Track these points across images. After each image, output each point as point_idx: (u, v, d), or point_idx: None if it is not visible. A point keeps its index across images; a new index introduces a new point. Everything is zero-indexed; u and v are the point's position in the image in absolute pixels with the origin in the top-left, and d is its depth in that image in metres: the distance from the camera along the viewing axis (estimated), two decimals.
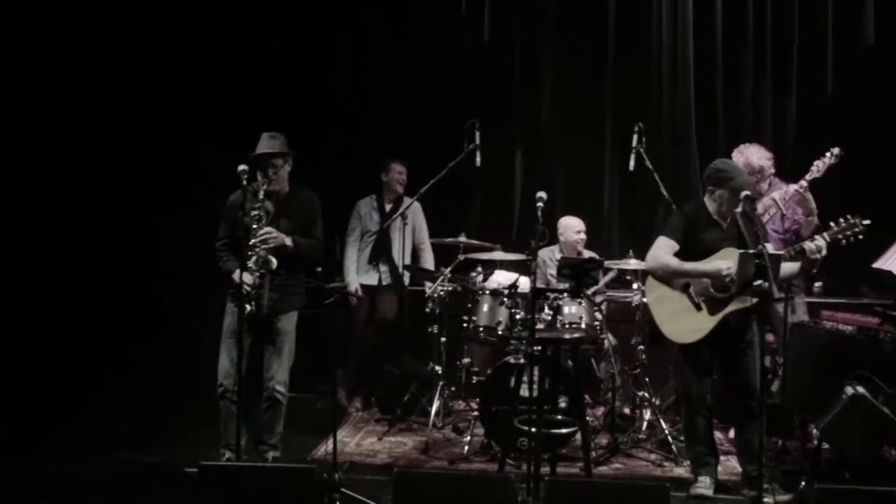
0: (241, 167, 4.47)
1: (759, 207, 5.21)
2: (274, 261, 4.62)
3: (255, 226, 4.60)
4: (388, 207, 6.37)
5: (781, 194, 5.25)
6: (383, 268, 6.32)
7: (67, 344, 6.01)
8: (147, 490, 4.51)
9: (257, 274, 4.59)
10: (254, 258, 4.59)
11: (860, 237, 4.52)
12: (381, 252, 6.32)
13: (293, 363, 4.89)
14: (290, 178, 4.86)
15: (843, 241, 4.54)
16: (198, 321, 4.90)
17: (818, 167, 5.08)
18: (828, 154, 5.08)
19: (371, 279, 6.33)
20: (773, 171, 5.37)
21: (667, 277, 4.68)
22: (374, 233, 6.35)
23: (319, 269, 4.67)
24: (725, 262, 4.50)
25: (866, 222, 4.50)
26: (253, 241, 4.58)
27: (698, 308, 4.61)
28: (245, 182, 4.49)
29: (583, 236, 6.02)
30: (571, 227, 6.03)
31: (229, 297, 4.79)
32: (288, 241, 4.69)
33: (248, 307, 4.56)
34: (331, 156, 6.54)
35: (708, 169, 4.74)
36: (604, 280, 5.78)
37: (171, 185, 6.25)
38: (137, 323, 6.22)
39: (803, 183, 5.10)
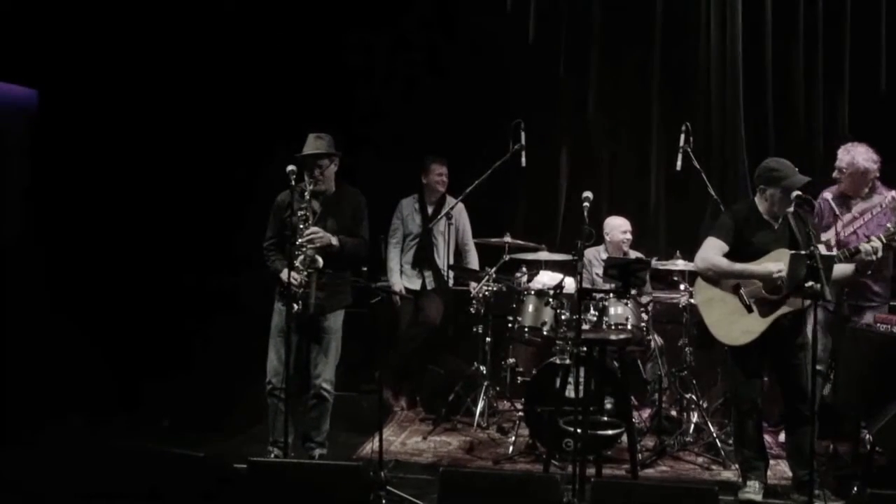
0: (290, 167, 4.54)
1: (856, 210, 5.09)
2: (320, 260, 4.67)
3: (301, 226, 4.66)
4: (430, 209, 6.38)
5: (880, 200, 5.11)
6: (427, 272, 6.32)
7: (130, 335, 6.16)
8: (192, 484, 4.57)
9: (304, 273, 4.65)
10: (301, 257, 4.65)
11: None
12: (424, 255, 6.32)
13: (339, 362, 4.93)
14: (336, 177, 4.91)
15: None
16: (266, 314, 4.96)
17: None
18: None
19: (415, 284, 6.34)
20: (878, 174, 5.19)
21: (716, 278, 4.62)
22: (417, 235, 6.35)
23: (365, 268, 4.71)
24: (776, 263, 4.42)
25: None
26: (300, 240, 4.64)
27: (749, 310, 4.54)
28: (293, 182, 4.55)
29: (629, 236, 5.97)
30: (617, 226, 5.99)
31: (277, 296, 4.85)
32: (334, 240, 4.74)
33: (295, 306, 4.62)
34: (375, 153, 6.57)
35: (760, 168, 4.66)
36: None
37: (250, 176, 6.29)
38: (209, 312, 6.30)
39: None
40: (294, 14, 6.73)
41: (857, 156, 5.16)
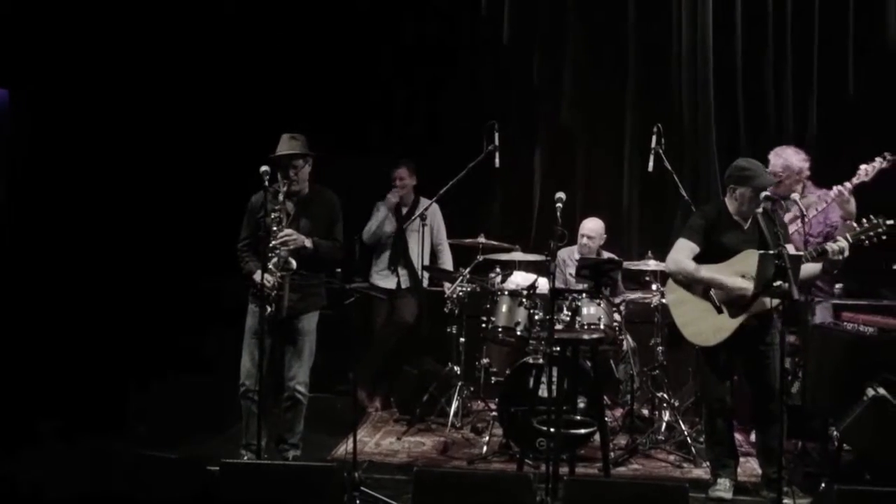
0: (263, 168, 4.52)
1: (794, 210, 5.17)
2: (294, 262, 4.66)
3: (275, 228, 4.64)
4: (403, 210, 6.39)
5: (815, 198, 5.20)
6: (402, 272, 6.33)
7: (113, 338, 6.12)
8: (165, 487, 4.54)
9: (278, 275, 4.64)
10: (274, 259, 4.64)
11: (884, 238, 4.49)
12: (398, 255, 6.34)
13: (314, 363, 4.93)
14: (310, 178, 4.90)
15: (867, 241, 4.51)
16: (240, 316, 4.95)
17: (867, 171, 4.97)
18: (878, 159, 4.98)
19: (390, 283, 6.35)
20: (808, 173, 5.30)
21: (686, 282, 4.67)
22: (391, 235, 6.36)
23: (339, 269, 4.70)
24: (746, 282, 4.46)
25: (890, 222, 4.47)
26: (273, 242, 4.62)
27: (719, 310, 4.59)
28: (267, 183, 4.53)
29: (585, 240, 5.96)
30: (581, 229, 6.00)
31: (251, 298, 4.84)
32: (308, 242, 4.73)
33: (268, 308, 4.60)
34: (351, 157, 6.56)
35: (730, 167, 4.72)
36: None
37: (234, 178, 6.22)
38: (187, 315, 6.27)
39: (848, 185, 5.00)
40: (269, 18, 6.72)
41: (790, 157, 5.26)
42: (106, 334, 6.13)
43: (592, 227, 5.99)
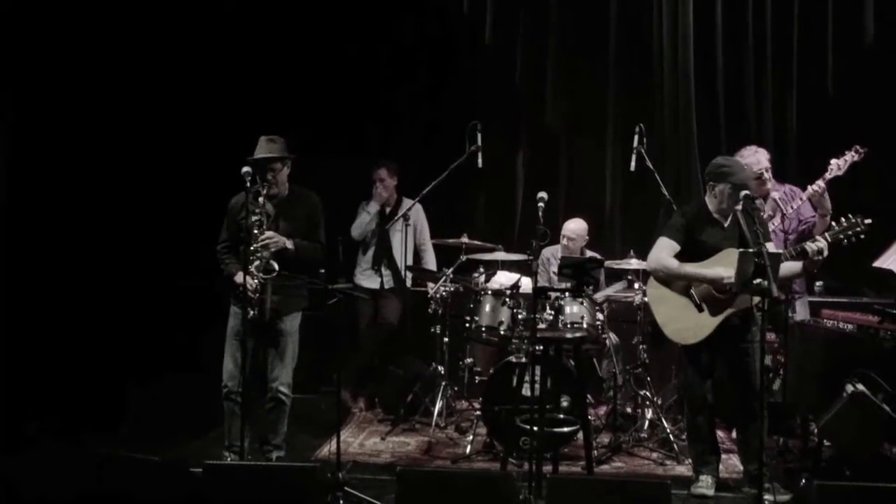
0: (245, 169, 4.50)
1: (768, 207, 5.22)
2: (276, 265, 4.66)
3: (255, 230, 4.63)
4: (386, 210, 6.39)
5: (781, 194, 5.26)
6: (385, 272, 6.34)
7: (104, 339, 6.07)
8: (148, 489, 4.52)
9: (259, 278, 4.63)
10: (256, 262, 4.63)
11: (862, 237, 4.53)
12: (382, 256, 6.34)
13: (297, 364, 4.92)
14: (289, 180, 4.89)
15: (845, 240, 4.55)
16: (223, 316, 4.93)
17: (838, 165, 5.02)
18: (849, 153, 5.05)
19: (373, 283, 6.35)
20: (767, 165, 5.33)
21: (667, 279, 4.70)
22: (374, 236, 6.36)
23: (323, 270, 4.70)
24: (726, 269, 4.50)
25: (868, 221, 4.51)
26: (254, 245, 4.61)
27: (700, 309, 4.63)
28: (248, 184, 4.52)
29: (566, 241, 5.97)
30: (563, 230, 6.00)
31: (232, 299, 4.83)
32: (289, 244, 4.72)
33: (251, 311, 4.60)
34: (333, 158, 6.55)
35: (710, 165, 4.76)
36: (614, 288, 5.79)
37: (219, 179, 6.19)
38: (170, 315, 6.24)
39: (821, 183, 5.05)
40: (248, 20, 6.70)
41: (760, 156, 5.28)
42: (86, 337, 6.08)
43: (574, 227, 6.00)
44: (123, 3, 6.36)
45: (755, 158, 5.27)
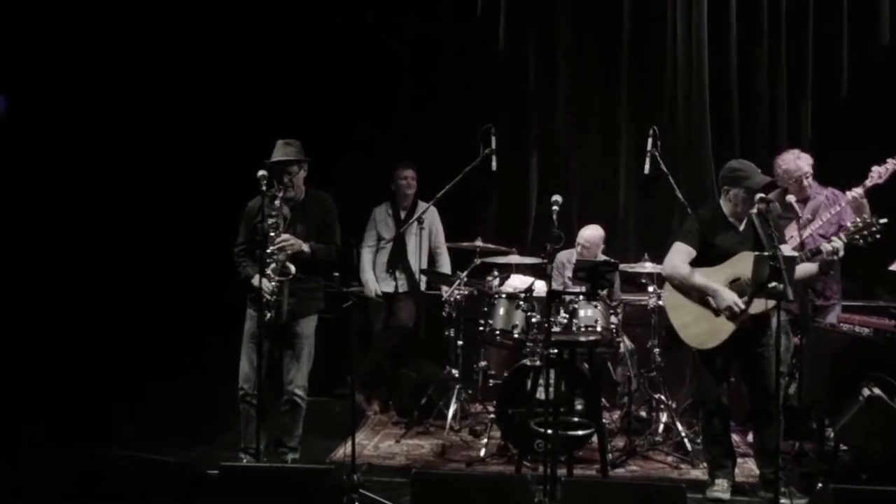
0: (261, 172, 4.54)
1: (808, 211, 5.20)
2: (292, 267, 4.68)
3: (272, 233, 4.66)
4: (402, 214, 6.41)
5: (823, 198, 5.22)
6: (400, 275, 6.35)
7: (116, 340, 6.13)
8: (163, 490, 4.55)
9: (276, 281, 4.65)
10: (272, 265, 4.65)
11: (878, 237, 4.51)
12: (397, 259, 6.36)
13: (312, 367, 4.94)
14: (306, 183, 4.92)
15: (861, 241, 4.54)
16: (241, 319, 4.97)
17: (879, 174, 4.99)
18: (891, 160, 5.00)
19: (388, 287, 6.36)
20: (810, 171, 5.31)
21: (682, 287, 4.69)
22: (390, 239, 6.38)
23: (337, 273, 4.72)
24: (736, 298, 4.48)
25: (883, 221, 4.50)
26: (271, 248, 4.64)
27: (716, 314, 4.61)
28: (264, 188, 4.55)
29: (580, 249, 5.91)
30: (578, 237, 5.96)
31: (249, 302, 4.85)
32: (305, 247, 4.74)
33: (267, 314, 4.62)
34: (348, 161, 6.58)
35: (723, 169, 4.74)
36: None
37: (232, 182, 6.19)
38: (185, 318, 6.27)
39: (860, 190, 5.03)
40: (264, 20, 6.74)
41: (786, 162, 5.28)
42: (104, 337, 6.13)
43: (590, 235, 5.93)
44: (136, 7, 6.41)
45: (796, 165, 5.26)
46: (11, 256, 6.09)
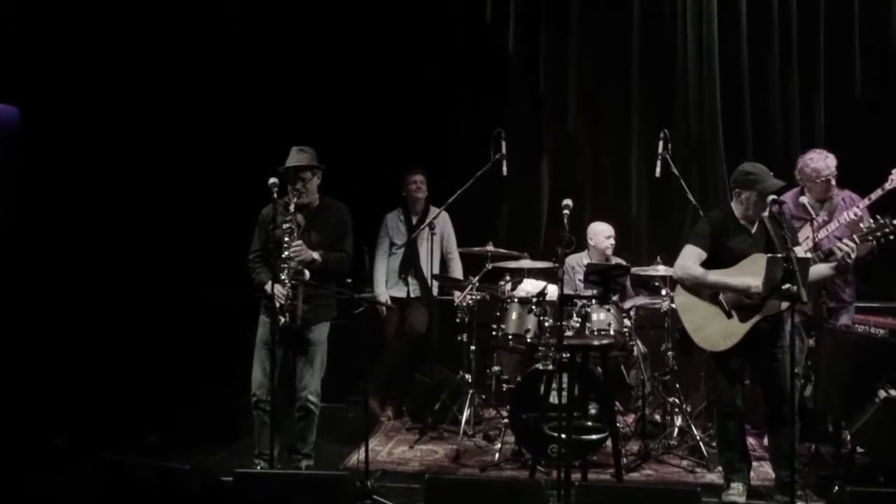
0: (272, 180, 4.56)
1: (824, 213, 5.17)
2: (307, 272, 4.69)
3: (286, 239, 4.67)
4: (414, 219, 6.42)
5: (839, 200, 5.21)
6: (412, 280, 6.36)
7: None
8: (178, 497, 4.56)
9: (290, 286, 4.67)
10: (286, 270, 4.67)
11: (891, 237, 4.48)
12: (409, 264, 6.36)
13: (325, 373, 4.95)
14: (320, 190, 4.94)
15: (874, 241, 4.51)
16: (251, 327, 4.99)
17: None
18: None
19: (400, 292, 6.37)
20: (833, 172, 5.25)
21: (695, 287, 4.67)
22: (402, 245, 6.39)
23: (350, 280, 4.73)
24: (753, 277, 4.47)
25: None
26: (286, 254, 4.66)
27: (729, 315, 4.58)
28: (275, 195, 4.57)
29: (612, 241, 6.02)
30: (601, 232, 6.04)
31: (262, 309, 4.87)
32: (315, 255, 4.75)
33: (281, 319, 4.64)
34: (359, 168, 6.60)
35: (735, 172, 4.72)
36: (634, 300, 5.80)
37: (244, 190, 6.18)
38: (200, 326, 6.28)
39: (858, 211, 5.02)
40: (275, 30, 6.78)
41: (805, 163, 5.24)
42: (118, 346, 6.17)
43: (600, 228, 6.01)
44: (153, 13, 6.46)
45: (824, 164, 5.21)
46: (29, 268, 6.14)
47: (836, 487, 4.48)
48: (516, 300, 5.36)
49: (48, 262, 6.24)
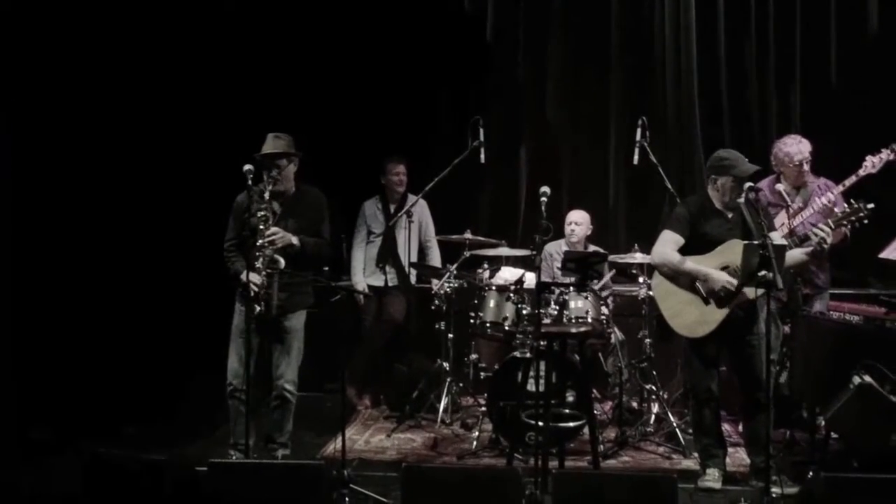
0: (246, 167, 4.50)
1: (799, 199, 5.18)
2: (282, 261, 4.66)
3: (261, 227, 4.63)
4: (392, 207, 6.39)
5: (815, 187, 5.22)
6: (390, 269, 6.33)
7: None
8: (153, 488, 4.52)
9: (265, 274, 4.63)
10: (261, 259, 4.63)
11: (865, 222, 4.51)
12: (387, 253, 6.33)
13: (302, 362, 4.92)
14: (296, 177, 4.89)
15: (848, 226, 4.54)
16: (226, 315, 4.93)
17: (873, 163, 4.96)
18: (885, 150, 4.97)
19: (378, 281, 6.34)
20: (806, 157, 5.25)
21: (672, 274, 4.68)
22: (379, 234, 6.36)
23: (327, 268, 4.70)
24: (730, 277, 4.48)
25: (870, 206, 4.49)
26: (260, 241, 4.61)
27: (706, 302, 4.61)
28: (251, 182, 4.52)
29: (573, 228, 5.97)
30: (567, 218, 6.02)
31: (238, 297, 4.82)
32: (295, 240, 4.72)
33: (257, 307, 4.60)
34: (336, 155, 6.55)
35: (711, 158, 4.74)
36: (606, 277, 5.80)
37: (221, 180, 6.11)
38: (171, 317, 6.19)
39: (831, 197, 5.03)
40: (252, 16, 6.69)
41: (778, 149, 5.25)
42: (95, 337, 6.08)
43: (578, 215, 6.01)
44: (128, 3, 6.35)
45: (797, 148, 5.21)
46: (6, 258, 6.03)
47: (811, 473, 4.50)
48: (494, 288, 5.35)
49: (27, 253, 6.12)
